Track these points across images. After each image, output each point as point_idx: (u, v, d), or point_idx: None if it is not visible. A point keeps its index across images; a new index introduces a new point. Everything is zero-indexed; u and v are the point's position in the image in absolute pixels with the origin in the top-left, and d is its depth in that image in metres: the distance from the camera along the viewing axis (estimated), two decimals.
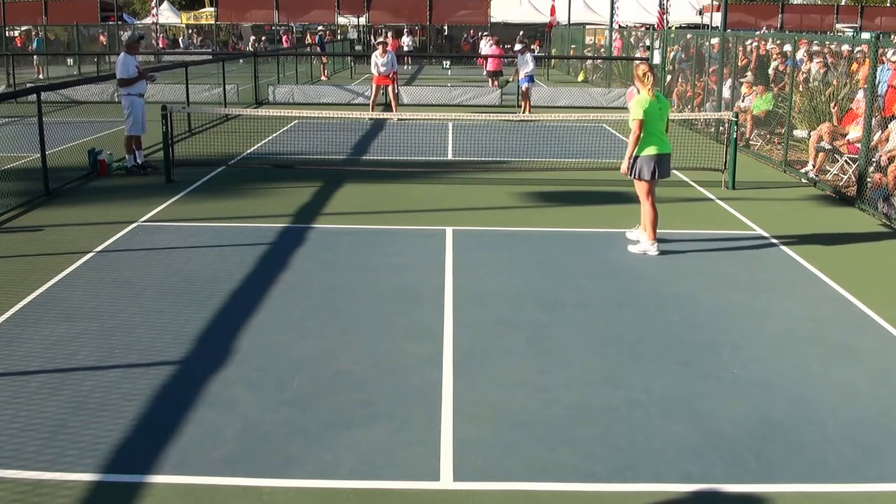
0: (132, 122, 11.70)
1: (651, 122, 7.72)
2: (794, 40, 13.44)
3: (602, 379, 5.26)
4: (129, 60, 11.72)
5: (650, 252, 7.91)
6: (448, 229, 8.72)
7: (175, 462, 4.22)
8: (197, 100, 19.77)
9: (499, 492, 4.02)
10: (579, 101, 21.87)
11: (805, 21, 45.56)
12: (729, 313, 6.47)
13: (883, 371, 5.45)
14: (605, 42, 33.56)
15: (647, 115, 7.67)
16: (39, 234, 8.59)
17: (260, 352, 5.61)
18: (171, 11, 50.20)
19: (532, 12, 46.02)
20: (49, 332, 5.88)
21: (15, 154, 11.77)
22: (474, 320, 6.23)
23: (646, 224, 7.97)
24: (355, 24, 46.87)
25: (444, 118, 16.51)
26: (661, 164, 7.83)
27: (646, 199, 7.91)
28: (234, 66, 26.29)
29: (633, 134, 7.74)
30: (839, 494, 4.04)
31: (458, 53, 42.31)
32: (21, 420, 4.62)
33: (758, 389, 5.13)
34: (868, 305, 6.62)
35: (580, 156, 13.16)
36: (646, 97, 7.70)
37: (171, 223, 9.01)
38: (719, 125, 14.83)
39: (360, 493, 4.01)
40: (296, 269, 7.41)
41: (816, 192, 11.02)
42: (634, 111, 7.70)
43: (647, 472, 4.20)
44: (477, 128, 16.15)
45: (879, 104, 10.25)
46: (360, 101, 21.82)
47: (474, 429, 4.60)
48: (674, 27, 36.04)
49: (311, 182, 11.14)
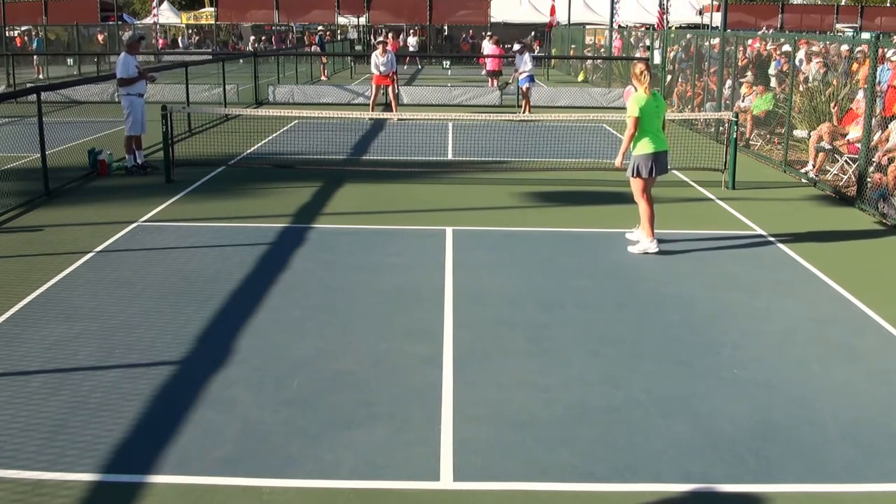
0: (132, 122, 11.70)
1: (647, 120, 7.79)
2: (794, 40, 13.43)
3: (602, 379, 5.26)
4: (129, 60, 11.72)
5: (650, 249, 7.92)
6: (448, 229, 8.72)
7: (175, 462, 4.22)
8: (197, 100, 19.76)
9: (499, 492, 4.02)
10: (579, 101, 21.87)
11: (805, 21, 45.55)
12: (729, 313, 6.47)
13: (883, 371, 5.45)
14: (605, 42, 33.56)
15: (643, 113, 7.75)
16: (39, 234, 8.59)
17: (260, 352, 5.61)
18: (171, 11, 50.18)
19: (532, 12, 46.02)
20: (49, 332, 5.88)
21: (15, 154, 11.76)
22: (474, 320, 6.23)
23: (644, 222, 7.99)
24: (355, 24, 46.87)
25: (444, 118, 16.51)
26: (658, 162, 7.89)
27: (641, 196, 7.96)
28: (234, 66, 26.29)
29: (628, 130, 7.84)
30: (839, 494, 4.04)
31: (459, 53, 42.32)
32: (21, 420, 4.62)
33: (758, 389, 5.13)
34: (868, 305, 6.62)
35: (580, 156, 13.16)
36: (642, 95, 7.77)
37: (171, 223, 9.01)
38: (719, 125, 14.83)
39: (360, 493, 4.01)
40: (296, 269, 7.41)
41: (816, 192, 11.02)
42: (631, 108, 7.80)
43: (647, 472, 4.20)
44: (477, 128, 16.15)
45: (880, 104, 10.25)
46: (360, 101, 21.83)
47: (474, 429, 4.60)
48: (674, 27, 36.04)
49: (311, 182, 11.14)
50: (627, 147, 7.92)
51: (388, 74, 18.28)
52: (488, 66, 25.82)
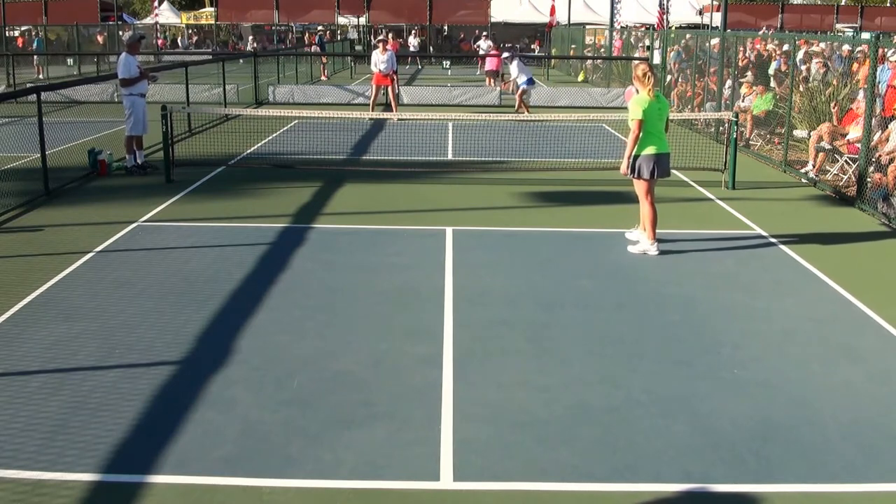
0: (133, 122, 11.70)
1: (650, 122, 7.74)
2: (794, 40, 13.43)
3: (602, 379, 5.26)
4: (130, 60, 11.73)
5: (650, 252, 7.91)
6: (448, 229, 8.72)
7: (175, 462, 4.22)
8: (197, 100, 19.76)
9: (499, 492, 4.02)
10: (579, 101, 21.87)
11: (805, 21, 45.58)
12: (729, 313, 6.47)
13: (883, 371, 5.45)
14: (605, 42, 33.56)
15: (646, 115, 7.69)
16: (39, 234, 8.58)
17: (260, 352, 5.61)
18: (171, 11, 50.17)
19: (532, 12, 46.03)
20: (49, 332, 5.88)
21: (15, 154, 11.76)
22: (474, 320, 6.23)
23: (645, 224, 7.98)
24: (355, 24, 46.87)
25: (444, 118, 16.51)
26: (661, 164, 7.85)
27: (645, 198, 7.93)
28: (234, 66, 26.29)
29: (632, 133, 7.77)
30: (839, 494, 4.04)
31: (459, 53, 42.32)
32: (21, 420, 4.62)
33: (758, 389, 5.13)
34: (868, 305, 6.61)
35: (580, 156, 13.16)
36: (645, 97, 7.72)
37: (171, 223, 9.01)
38: (719, 125, 14.83)
39: (360, 493, 4.01)
40: (296, 269, 7.41)
41: (816, 192, 11.02)
42: (634, 111, 7.72)
43: (647, 472, 4.20)
44: (477, 128, 16.15)
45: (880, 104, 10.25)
46: (360, 101, 21.83)
47: (474, 429, 4.60)
48: (674, 27, 36.05)
49: (311, 182, 11.14)
50: (632, 151, 7.82)
51: (389, 74, 18.28)
52: (487, 65, 25.83)
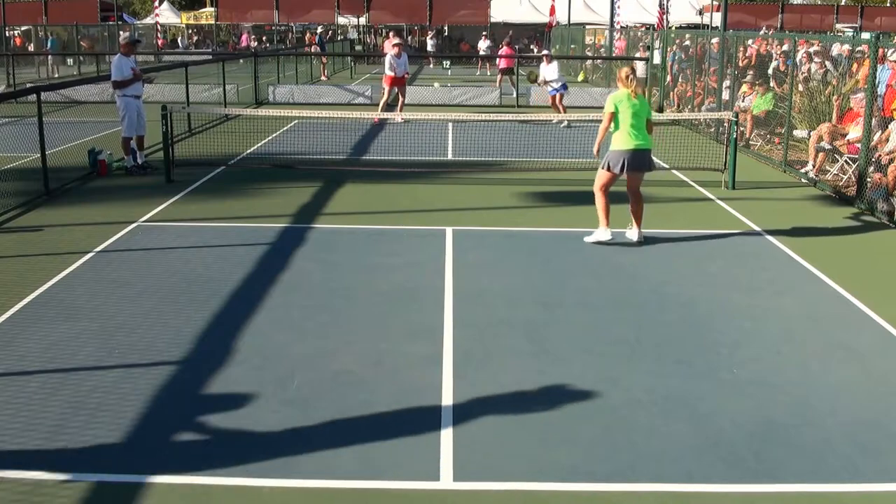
0: (127, 124, 11.70)
1: (623, 117, 8.08)
2: (794, 40, 13.43)
3: (602, 379, 5.26)
4: (123, 62, 11.67)
5: (602, 238, 8.17)
6: (448, 229, 8.72)
7: (175, 462, 4.22)
8: (197, 100, 19.75)
9: (499, 492, 4.02)
10: (579, 101, 21.85)
11: (805, 21, 45.57)
12: (729, 313, 6.47)
13: (883, 371, 5.45)
14: (605, 42, 33.55)
15: (617, 109, 8.10)
16: (39, 234, 8.58)
17: (260, 352, 5.61)
18: (171, 11, 50.17)
19: (532, 12, 46.00)
20: (49, 332, 5.88)
21: (15, 154, 11.76)
22: (474, 320, 6.23)
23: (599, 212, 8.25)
24: (355, 24, 46.87)
25: (444, 118, 16.51)
26: (634, 159, 8.10)
27: (598, 188, 8.27)
28: (234, 66, 26.28)
29: (602, 124, 8.25)
30: (839, 494, 4.04)
31: (460, 53, 42.31)
32: (21, 420, 4.62)
33: (758, 389, 5.13)
34: (868, 305, 6.62)
35: (580, 156, 13.14)
36: (620, 92, 8.16)
37: (171, 223, 9.01)
38: (719, 125, 14.83)
39: (360, 493, 4.01)
40: (296, 269, 7.41)
41: (816, 192, 11.02)
42: (606, 104, 8.26)
43: (647, 472, 4.20)
44: (477, 128, 16.14)
45: (879, 104, 10.25)
46: (360, 101, 21.82)
47: (474, 429, 4.60)
48: (674, 27, 36.05)
49: (311, 182, 11.14)
50: (603, 138, 8.32)
51: (403, 76, 18.16)
52: (501, 64, 25.73)
